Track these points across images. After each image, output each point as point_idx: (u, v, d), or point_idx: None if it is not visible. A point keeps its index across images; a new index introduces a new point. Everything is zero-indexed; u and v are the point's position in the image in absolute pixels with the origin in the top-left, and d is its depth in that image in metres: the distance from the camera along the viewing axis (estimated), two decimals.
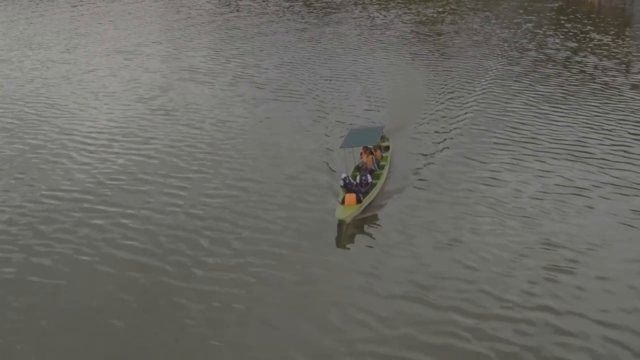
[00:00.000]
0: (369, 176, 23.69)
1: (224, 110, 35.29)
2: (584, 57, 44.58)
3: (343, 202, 22.49)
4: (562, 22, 58.50)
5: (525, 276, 18.97)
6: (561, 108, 33.66)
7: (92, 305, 18.12)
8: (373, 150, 26.38)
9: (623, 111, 32.95)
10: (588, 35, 51.72)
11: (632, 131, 30.19)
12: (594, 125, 31.08)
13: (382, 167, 26.12)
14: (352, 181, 23.22)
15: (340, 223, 21.81)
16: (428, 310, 17.49)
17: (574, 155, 27.54)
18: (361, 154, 26.41)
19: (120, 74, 43.54)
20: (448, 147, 28.78)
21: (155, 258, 20.44)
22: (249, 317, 17.44)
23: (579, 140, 29.18)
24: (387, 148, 28.05)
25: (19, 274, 19.76)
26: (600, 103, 34.36)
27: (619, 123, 31.30)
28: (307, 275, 19.27)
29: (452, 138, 29.93)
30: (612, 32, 53.08)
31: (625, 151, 27.92)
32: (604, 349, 15.85)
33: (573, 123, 31.41)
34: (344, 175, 23.21)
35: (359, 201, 22.49)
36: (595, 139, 29.36)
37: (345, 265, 19.89)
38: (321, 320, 17.26)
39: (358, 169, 25.71)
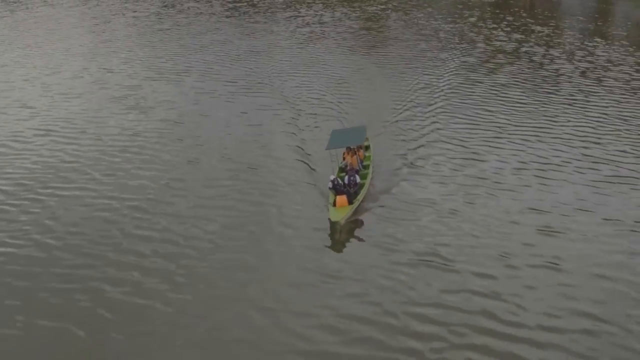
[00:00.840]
0: (357, 176, 23.63)
1: (199, 106, 36.11)
2: (531, 47, 47.38)
3: (334, 204, 22.32)
4: (503, 15, 61.56)
5: (521, 235, 21.08)
6: (520, 93, 36.12)
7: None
8: (357, 150, 26.12)
9: (577, 94, 35.68)
10: (529, 28, 54.79)
11: (589, 111, 32.86)
12: (553, 107, 33.63)
13: (367, 167, 26.00)
14: (340, 182, 23.09)
15: (334, 225, 21.64)
16: (441, 270, 19.19)
17: (542, 134, 29.85)
18: (344, 154, 26.21)
19: (84, 76, 43.61)
20: (425, 136, 30.21)
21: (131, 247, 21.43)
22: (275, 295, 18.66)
23: (542, 121, 31.58)
24: (367, 147, 27.93)
25: (45, 260, 20.42)
26: (555, 88, 36.98)
27: (574, 104, 33.99)
28: (309, 276, 19.31)
29: (427, 126, 31.49)
30: (550, 24, 56.37)
31: (587, 127, 30.56)
32: (599, 287, 18.20)
33: (534, 106, 33.86)
34: (332, 177, 23.09)
35: (350, 202, 22.40)
36: (557, 119, 31.86)
37: (353, 257, 20.35)
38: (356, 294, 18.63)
39: (342, 170, 25.56)
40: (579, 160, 26.93)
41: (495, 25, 56.45)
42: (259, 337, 16.56)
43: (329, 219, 21.73)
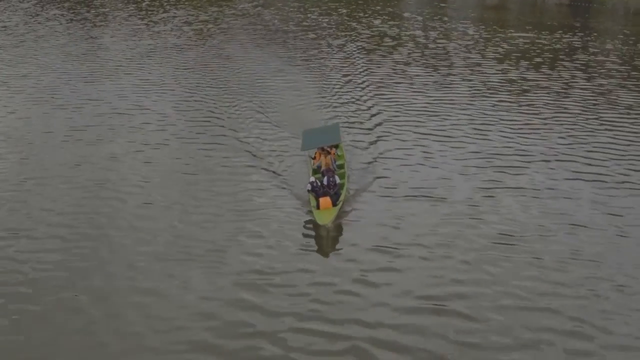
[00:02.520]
0: (336, 177, 22.68)
1: (129, 101, 36.53)
2: (411, 31, 52.61)
3: (318, 207, 21.39)
4: (369, 5, 66.61)
5: (484, 174, 25.09)
6: (423, 70, 40.88)
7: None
8: (330, 150, 24.94)
9: (473, 67, 41.00)
10: (398, 15, 60.21)
11: (489, 78, 38.21)
12: (457, 78, 38.64)
13: (341, 166, 24.93)
14: (319, 184, 22.04)
15: (320, 228, 20.76)
16: (426, 203, 22.71)
17: (462, 98, 34.57)
18: (316, 155, 25.14)
19: None
20: (373, 121, 31.76)
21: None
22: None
23: (456, 89, 36.38)
24: (336, 146, 26.39)
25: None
26: (449, 63, 42.12)
27: (476, 73, 39.14)
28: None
29: (360, 107, 33.66)
30: (420, 11, 62.05)
31: (499, 91, 35.80)
32: (559, 204, 22.56)
33: (440, 78, 38.58)
34: (312, 179, 22.20)
35: (334, 204, 21.52)
36: (466, 87, 36.89)
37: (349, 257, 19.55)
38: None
39: (315, 171, 24.44)
40: (504, 114, 31.70)
41: (367, 15, 61.28)
42: None
43: (316, 222, 20.84)
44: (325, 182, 22.24)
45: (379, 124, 31.14)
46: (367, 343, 15.60)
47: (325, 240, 20.50)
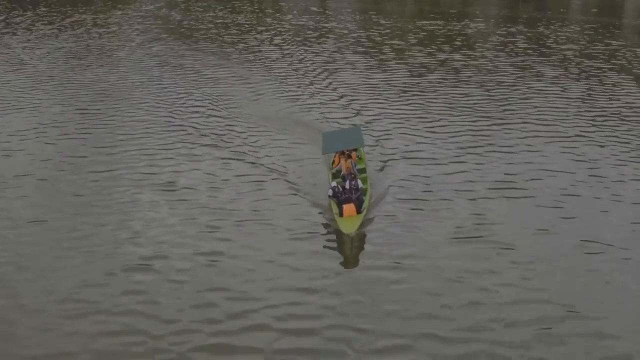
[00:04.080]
0: (359, 181, 21.60)
1: (106, 102, 36.56)
2: (325, 23, 56.07)
3: (341, 214, 20.46)
4: (278, 2, 69.40)
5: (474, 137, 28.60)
6: (356, 55, 44.34)
7: None
8: (350, 153, 24.08)
9: (395, 52, 44.76)
10: (309, 9, 63.30)
11: (414, 61, 42.16)
12: (385, 63, 42.47)
13: (362, 171, 24.05)
14: (341, 189, 21.06)
15: (345, 237, 19.85)
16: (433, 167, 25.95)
17: (398, 79, 38.16)
18: (335, 159, 24.51)
19: None
20: (339, 109, 33.12)
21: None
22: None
23: (389, 71, 40.01)
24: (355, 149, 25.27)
25: None
26: (376, 50, 45.81)
27: (399, 61, 42.97)
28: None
29: (329, 101, 34.40)
30: (324, 5, 65.52)
31: (415, 70, 39.71)
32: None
33: (373, 63, 42.34)
34: (333, 184, 21.46)
35: (358, 211, 20.52)
36: (395, 72, 40.56)
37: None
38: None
39: (335, 175, 23.48)
40: (450, 90, 35.57)
41: (276, 11, 64.13)
42: None
43: (338, 231, 20.11)
44: (347, 187, 21.09)
45: (351, 112, 32.53)
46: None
47: (350, 250, 19.64)
